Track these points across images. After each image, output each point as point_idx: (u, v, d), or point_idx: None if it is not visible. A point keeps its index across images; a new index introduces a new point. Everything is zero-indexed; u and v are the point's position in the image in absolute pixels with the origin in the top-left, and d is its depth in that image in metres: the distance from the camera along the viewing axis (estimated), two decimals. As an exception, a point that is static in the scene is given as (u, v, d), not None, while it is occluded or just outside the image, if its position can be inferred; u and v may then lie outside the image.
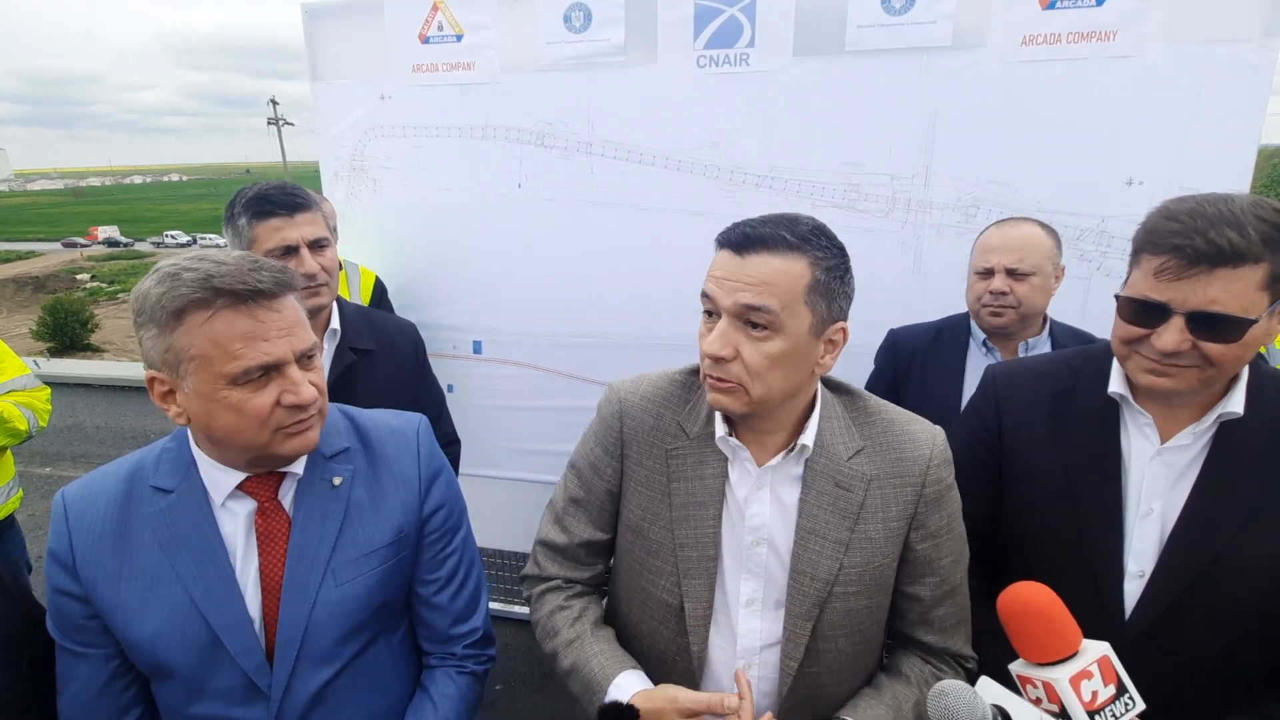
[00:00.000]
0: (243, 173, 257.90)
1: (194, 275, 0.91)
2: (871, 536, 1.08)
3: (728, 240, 1.01)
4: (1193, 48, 1.88)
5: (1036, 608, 0.86)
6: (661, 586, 1.14)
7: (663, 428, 1.14)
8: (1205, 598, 1.04)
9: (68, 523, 1.02)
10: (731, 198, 2.27)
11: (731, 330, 0.98)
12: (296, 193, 1.64)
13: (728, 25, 2.16)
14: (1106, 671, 0.83)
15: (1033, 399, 1.19)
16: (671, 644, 1.15)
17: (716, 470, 1.10)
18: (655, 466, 1.14)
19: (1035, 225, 1.78)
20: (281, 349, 0.95)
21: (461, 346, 2.68)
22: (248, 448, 0.99)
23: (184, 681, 1.02)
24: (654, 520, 1.14)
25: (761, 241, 0.98)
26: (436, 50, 2.42)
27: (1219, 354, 0.95)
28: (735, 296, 0.97)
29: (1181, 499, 1.06)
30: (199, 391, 0.94)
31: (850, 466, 1.08)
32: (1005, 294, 1.75)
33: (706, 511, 1.10)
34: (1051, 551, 1.15)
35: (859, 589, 1.08)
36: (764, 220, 1.01)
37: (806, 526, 1.08)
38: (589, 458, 1.20)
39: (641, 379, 1.20)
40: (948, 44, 2.01)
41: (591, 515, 1.21)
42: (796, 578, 1.08)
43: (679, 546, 1.11)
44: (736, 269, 0.98)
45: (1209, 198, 0.96)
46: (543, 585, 1.25)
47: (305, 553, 1.05)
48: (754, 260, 0.97)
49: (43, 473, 5.39)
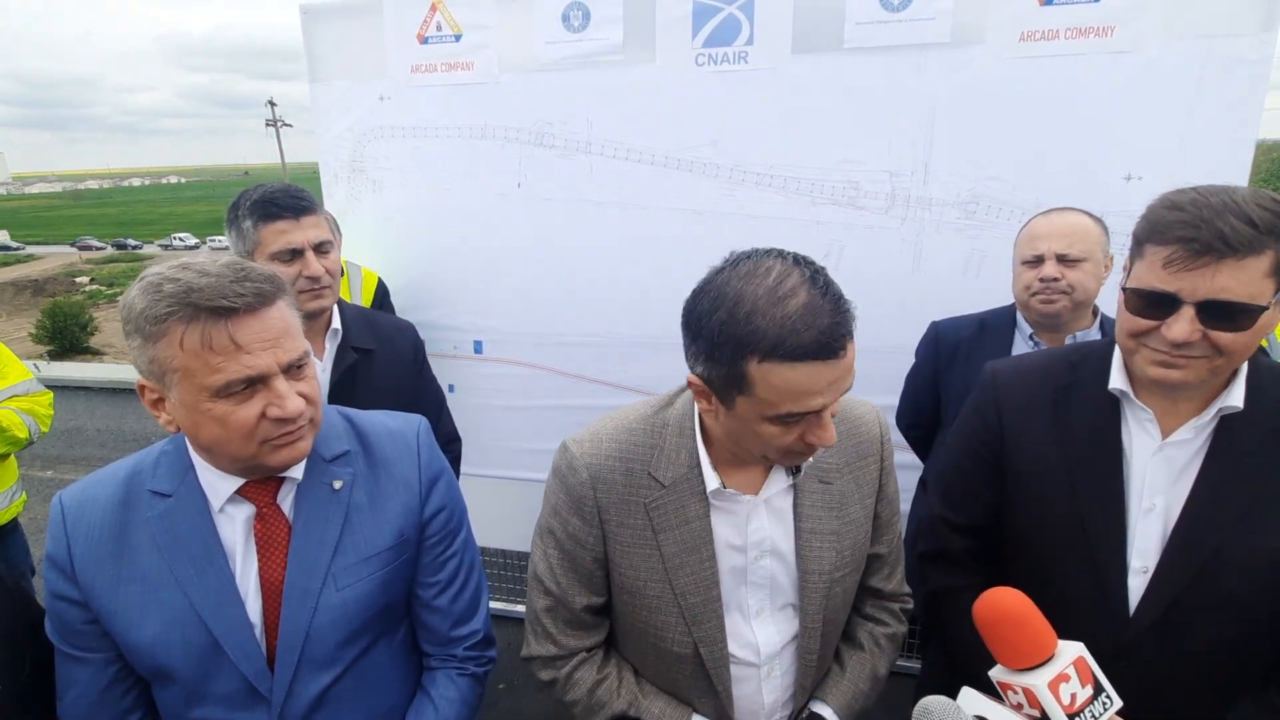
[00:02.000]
0: (241, 174, 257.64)
1: (175, 288, 0.89)
2: (854, 519, 1.15)
3: (817, 352, 0.87)
4: (1190, 43, 1.87)
5: (1008, 614, 0.86)
6: (671, 640, 1.12)
7: (635, 482, 1.09)
8: (1209, 592, 1.04)
9: (66, 527, 1.02)
10: (731, 196, 2.27)
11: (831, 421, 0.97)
12: (301, 196, 1.64)
13: (726, 23, 2.15)
14: (1083, 672, 0.83)
15: (1033, 396, 1.19)
16: (693, 689, 1.15)
17: (700, 511, 1.08)
18: (637, 524, 1.10)
19: (1083, 214, 1.77)
20: (265, 361, 0.92)
21: (462, 346, 2.68)
22: (235, 458, 0.98)
23: (184, 686, 1.02)
24: (649, 576, 1.11)
25: (847, 333, 0.90)
26: (435, 50, 2.41)
27: (1229, 343, 0.95)
28: (841, 389, 0.93)
29: (1184, 494, 1.05)
30: (184, 402, 0.93)
31: (826, 460, 1.13)
32: (1057, 280, 1.72)
33: (700, 555, 1.09)
34: (1053, 549, 1.15)
35: (852, 568, 1.16)
36: (818, 312, 0.88)
37: (807, 528, 1.11)
38: (566, 528, 1.13)
39: (598, 437, 1.12)
40: (946, 40, 2.01)
41: (584, 582, 1.15)
42: (806, 577, 1.11)
43: (680, 596, 1.09)
44: (833, 370, 0.90)
45: (1209, 189, 0.95)
46: (567, 667, 1.18)
47: (306, 557, 1.05)
48: (847, 354, 0.91)
49: (44, 476, 5.39)
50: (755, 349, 0.88)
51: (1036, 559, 1.18)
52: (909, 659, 2.85)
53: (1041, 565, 1.17)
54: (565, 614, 1.17)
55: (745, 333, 0.88)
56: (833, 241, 2.22)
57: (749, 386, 0.91)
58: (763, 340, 0.87)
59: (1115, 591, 1.10)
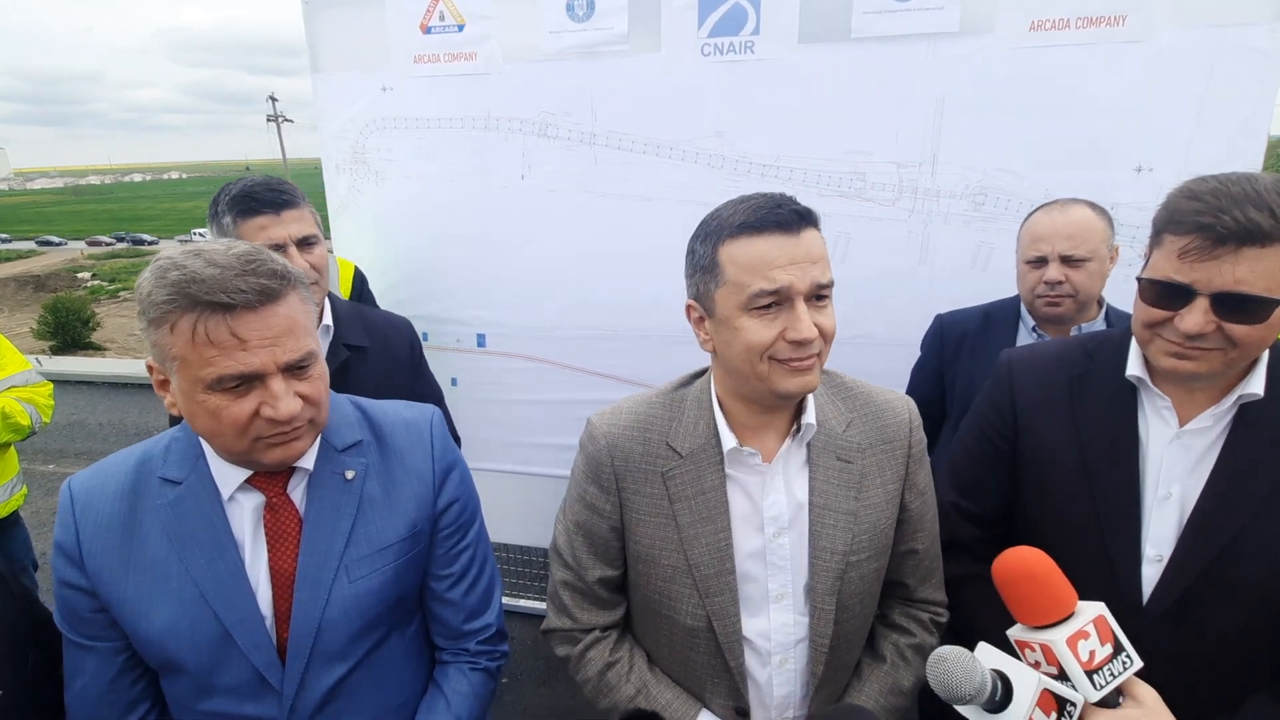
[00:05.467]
0: (243, 170, 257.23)
1: (179, 276, 0.88)
2: (874, 502, 1.13)
3: (775, 222, 0.98)
4: (1202, 32, 1.86)
5: (1028, 570, 0.86)
6: (685, 612, 1.12)
7: (652, 452, 1.13)
8: (1223, 581, 1.03)
9: (75, 514, 1.01)
10: (736, 187, 2.24)
11: (811, 311, 0.99)
12: (282, 189, 1.60)
13: (732, 12, 2.13)
14: (1103, 631, 0.83)
15: (1048, 384, 1.18)
16: (706, 667, 1.15)
17: (716, 482, 1.10)
18: (654, 492, 1.12)
19: (1085, 207, 1.72)
20: (260, 360, 0.90)
21: (465, 339, 2.67)
22: (228, 451, 0.97)
23: (193, 677, 1.01)
24: (664, 546, 1.12)
25: (806, 216, 1.00)
26: (438, 41, 2.39)
27: (1243, 335, 0.94)
28: (810, 276, 0.98)
29: (1201, 482, 1.05)
30: (182, 390, 0.92)
31: (846, 438, 1.12)
32: (1061, 283, 1.70)
33: (715, 525, 1.10)
34: (1068, 536, 1.14)
35: (870, 554, 1.13)
36: (779, 199, 1.02)
37: (820, 504, 1.10)
38: (585, 497, 1.17)
39: (619, 409, 1.19)
40: (955, 30, 1.99)
41: (599, 553, 1.18)
42: (817, 554, 1.10)
43: (694, 568, 1.10)
44: (796, 248, 0.98)
45: (1231, 177, 0.94)
46: (580, 644, 1.20)
47: (318, 548, 1.04)
48: (807, 236, 0.99)
49: (46, 470, 5.39)
50: (721, 235, 1.01)
51: (1049, 548, 1.16)
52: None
53: (1054, 554, 1.14)
54: (581, 587, 1.20)
55: (715, 227, 1.03)
56: (839, 233, 2.21)
57: (721, 273, 1.01)
58: (727, 225, 1.01)
59: (1129, 580, 1.09)
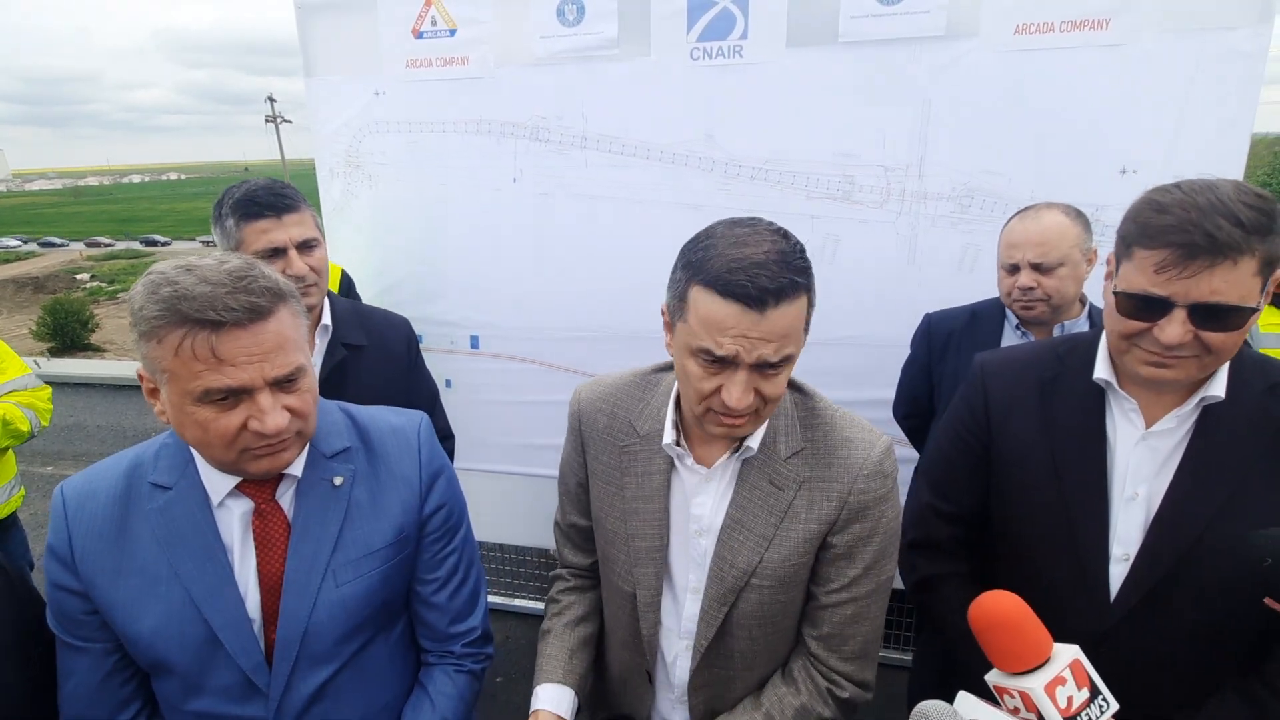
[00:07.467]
0: (242, 170, 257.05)
1: (169, 292, 0.89)
2: (793, 535, 1.10)
3: (742, 295, 0.90)
4: (1185, 36, 1.87)
5: (1004, 618, 0.86)
6: (618, 574, 1.22)
7: (616, 427, 1.20)
8: (1189, 580, 1.05)
9: (67, 518, 1.03)
10: (726, 190, 2.27)
11: (751, 379, 0.96)
12: (285, 193, 1.62)
13: (721, 17, 2.15)
14: (1079, 675, 0.84)
15: (1020, 387, 1.20)
16: (628, 628, 1.23)
17: (662, 467, 1.16)
18: (610, 462, 1.20)
19: (1058, 213, 1.75)
20: (248, 375, 0.91)
21: (459, 341, 2.69)
22: (217, 461, 0.99)
23: (182, 678, 1.03)
24: (609, 511, 1.21)
25: (779, 295, 0.91)
26: (430, 45, 2.41)
27: (1219, 342, 0.96)
28: (758, 353, 0.93)
29: (1166, 482, 1.07)
30: (171, 401, 0.94)
31: (786, 466, 1.10)
32: (1033, 289, 1.75)
33: (654, 505, 1.16)
34: (1038, 536, 1.17)
35: (774, 583, 1.11)
36: (764, 267, 0.91)
37: (735, 517, 1.11)
38: (564, 453, 1.30)
39: (600, 382, 1.26)
40: (941, 33, 2.01)
41: (573, 501, 1.31)
42: (717, 563, 1.13)
43: (630, 537, 1.18)
44: (755, 326, 0.91)
45: (1195, 186, 0.95)
46: (554, 588, 1.36)
47: (305, 553, 1.05)
48: (774, 315, 0.91)
49: (44, 472, 5.41)
50: (698, 274, 0.95)
51: (1021, 547, 1.19)
52: (901, 651, 2.86)
53: (1026, 553, 1.18)
54: (564, 527, 1.34)
55: (698, 259, 0.96)
56: (828, 235, 2.23)
57: (686, 310, 0.97)
58: (706, 269, 0.94)
59: (1097, 578, 1.11)
